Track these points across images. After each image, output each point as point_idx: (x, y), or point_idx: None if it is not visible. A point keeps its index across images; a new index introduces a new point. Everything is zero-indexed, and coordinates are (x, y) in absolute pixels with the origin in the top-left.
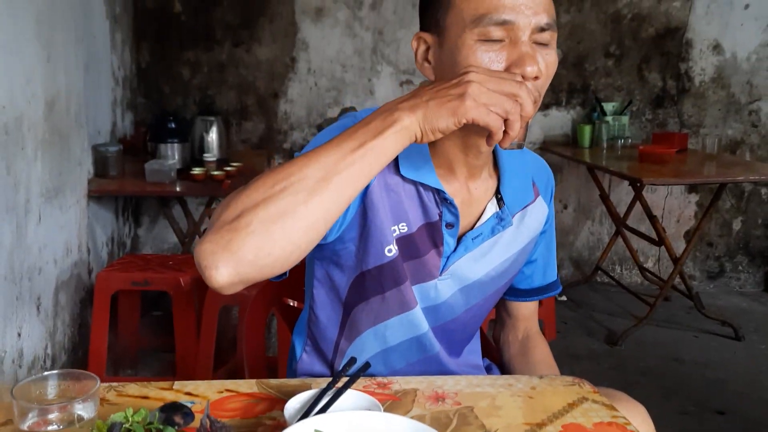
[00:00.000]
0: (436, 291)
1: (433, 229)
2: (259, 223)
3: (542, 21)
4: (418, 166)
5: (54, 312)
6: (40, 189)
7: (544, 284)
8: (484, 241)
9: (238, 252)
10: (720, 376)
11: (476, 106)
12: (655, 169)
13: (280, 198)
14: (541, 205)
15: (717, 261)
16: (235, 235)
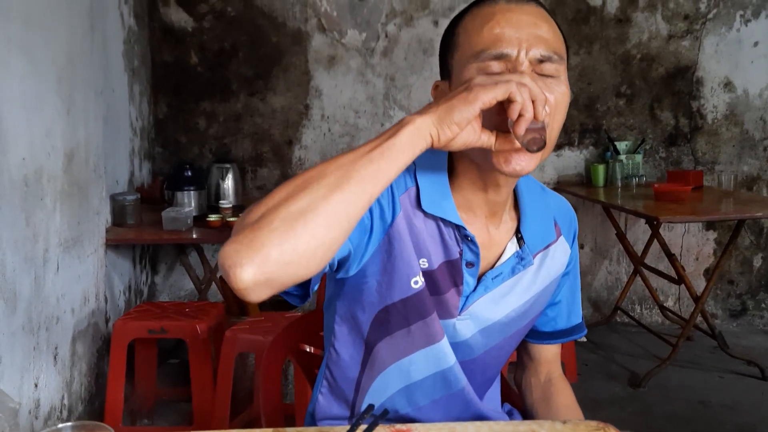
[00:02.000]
0: (454, 330)
1: (453, 268)
2: (281, 221)
3: (539, 53)
4: (439, 202)
5: (71, 362)
6: (58, 239)
7: (568, 327)
8: (504, 281)
9: (263, 249)
10: (748, 420)
11: (484, 87)
12: (671, 207)
13: (301, 196)
14: (563, 246)
15: (739, 299)
16: (259, 233)
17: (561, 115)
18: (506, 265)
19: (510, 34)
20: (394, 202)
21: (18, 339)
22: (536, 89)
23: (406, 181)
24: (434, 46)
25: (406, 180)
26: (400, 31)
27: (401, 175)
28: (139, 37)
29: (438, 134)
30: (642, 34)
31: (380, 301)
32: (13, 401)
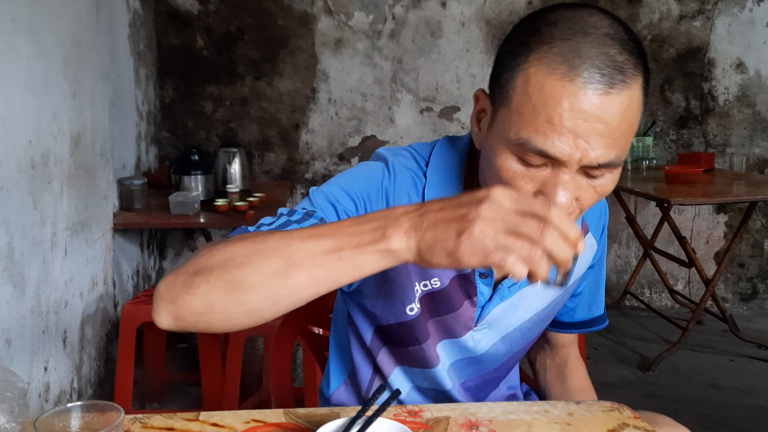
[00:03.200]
0: (474, 341)
1: (465, 281)
2: (207, 288)
3: (598, 159)
4: None
5: (80, 346)
6: (66, 223)
7: (589, 318)
8: (521, 287)
9: (181, 309)
10: (761, 403)
11: (474, 251)
12: (682, 189)
13: (234, 270)
14: (590, 242)
15: (749, 282)
16: (184, 292)
17: (590, 202)
18: None
19: (571, 133)
20: None
21: (27, 322)
22: (562, 256)
23: (413, 195)
24: (442, 29)
25: (412, 194)
26: (407, 12)
27: (407, 188)
28: (145, 21)
29: (414, 262)
30: (653, 14)
31: (376, 321)
32: (22, 381)
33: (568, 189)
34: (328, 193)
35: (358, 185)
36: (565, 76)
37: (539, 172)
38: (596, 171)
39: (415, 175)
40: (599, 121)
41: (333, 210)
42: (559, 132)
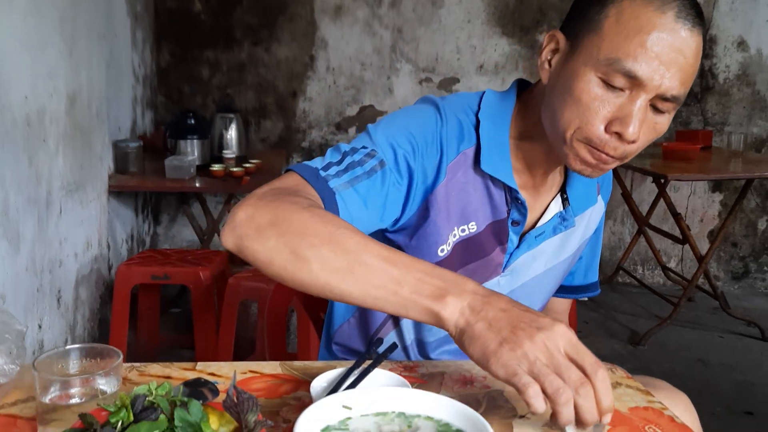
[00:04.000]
0: (498, 287)
1: (499, 227)
2: (275, 245)
3: (672, 90)
4: (496, 162)
5: (74, 306)
6: (61, 182)
7: (584, 284)
8: (545, 239)
9: (245, 249)
10: (748, 378)
11: (506, 365)
12: (679, 165)
13: (305, 248)
14: (599, 206)
15: (741, 261)
16: (255, 236)
17: (645, 141)
18: (549, 224)
19: (657, 59)
20: (440, 168)
21: (22, 279)
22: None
23: (465, 141)
24: None
25: (464, 140)
26: None
27: (456, 135)
28: None
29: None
30: None
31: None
32: (20, 323)
33: (643, 117)
34: (388, 134)
35: (416, 129)
36: (659, 9)
37: (617, 98)
38: (664, 105)
39: (467, 118)
40: (681, 54)
41: (392, 153)
42: (648, 56)
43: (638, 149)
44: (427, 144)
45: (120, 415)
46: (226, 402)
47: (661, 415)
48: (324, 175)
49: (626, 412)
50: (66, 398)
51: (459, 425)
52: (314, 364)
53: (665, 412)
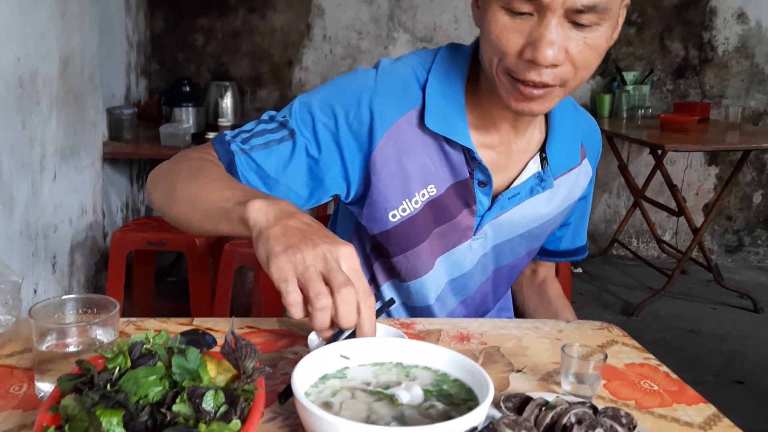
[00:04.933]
0: (471, 252)
1: (464, 188)
2: (160, 193)
3: (579, 3)
4: (448, 120)
5: (69, 272)
6: (55, 147)
7: (572, 248)
8: (521, 201)
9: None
10: (738, 348)
11: (281, 268)
12: (677, 137)
13: (173, 184)
14: (586, 169)
15: (735, 235)
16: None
17: (586, 69)
18: (525, 185)
19: None
20: (373, 134)
21: (16, 243)
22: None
23: (409, 101)
24: None
25: (407, 100)
26: None
27: (397, 97)
28: None
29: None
30: None
31: (367, 230)
32: (16, 275)
33: (555, 37)
34: (309, 103)
35: (338, 99)
36: None
37: (526, 24)
38: (583, 17)
39: (415, 77)
40: None
41: (310, 121)
42: None
43: (581, 72)
44: (351, 112)
45: (117, 361)
46: (224, 348)
47: (656, 371)
48: (228, 140)
49: (622, 367)
50: (62, 347)
51: (456, 375)
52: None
53: (660, 368)
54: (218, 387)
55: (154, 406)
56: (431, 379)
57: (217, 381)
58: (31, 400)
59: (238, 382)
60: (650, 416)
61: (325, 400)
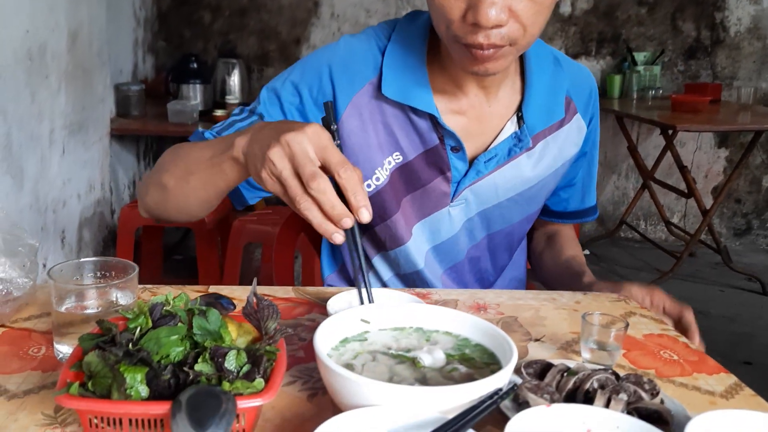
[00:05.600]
0: (450, 219)
1: (435, 155)
2: (152, 191)
3: None
4: (408, 88)
5: (78, 247)
6: (63, 122)
7: (581, 209)
8: (500, 164)
9: (145, 208)
10: (747, 330)
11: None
12: (688, 117)
13: (160, 176)
14: (578, 123)
15: (744, 218)
16: (143, 194)
17: (534, 23)
18: (502, 146)
19: None
20: (336, 108)
21: (26, 217)
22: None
23: (370, 70)
24: None
25: (369, 69)
26: None
27: (360, 67)
28: None
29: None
30: None
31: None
32: (32, 238)
33: (491, 5)
34: (274, 88)
35: (301, 78)
36: None
37: None
38: None
39: (376, 46)
40: None
41: (277, 103)
42: None
43: (531, 28)
44: (315, 88)
45: (138, 322)
46: (245, 309)
47: (675, 341)
48: (201, 131)
49: (641, 338)
50: (81, 309)
51: (478, 340)
52: (327, 289)
53: (679, 338)
54: (240, 348)
55: (176, 365)
56: (452, 344)
57: (238, 343)
58: (50, 362)
59: (260, 343)
60: (671, 385)
61: (347, 363)
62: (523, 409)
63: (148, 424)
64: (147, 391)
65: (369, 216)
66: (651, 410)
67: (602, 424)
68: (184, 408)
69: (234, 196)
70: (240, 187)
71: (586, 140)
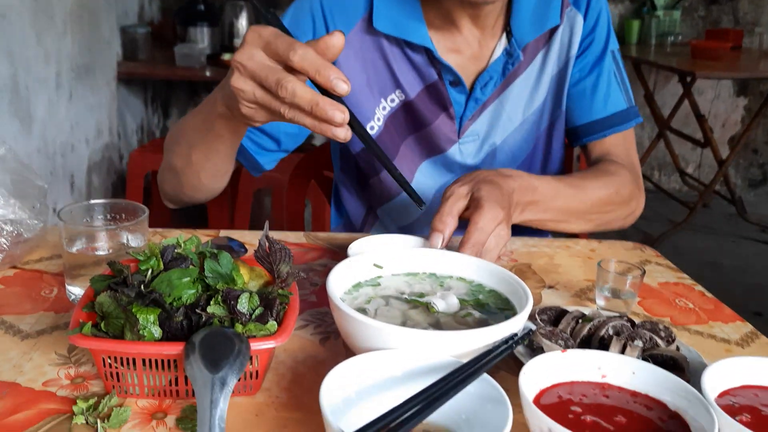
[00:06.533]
0: (461, 155)
1: (435, 91)
2: (165, 177)
3: None
4: (400, 19)
5: (87, 192)
6: (70, 64)
7: (610, 114)
8: (497, 86)
9: (165, 197)
10: (759, 281)
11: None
12: (708, 64)
13: (169, 159)
14: (570, 22)
15: (760, 169)
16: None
17: None
18: (494, 67)
19: None
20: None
21: (34, 160)
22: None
23: (360, 8)
24: None
25: (359, 8)
26: None
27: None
28: None
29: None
30: None
31: (351, 152)
32: (42, 180)
33: None
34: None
35: (295, 24)
36: None
37: None
38: None
39: None
40: None
41: None
42: None
43: None
44: (310, 34)
45: (150, 264)
46: (258, 252)
47: (691, 290)
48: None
49: (656, 286)
50: (92, 251)
51: (492, 286)
52: (338, 235)
53: (695, 287)
54: (252, 291)
55: (188, 307)
56: (466, 290)
57: (250, 286)
58: (63, 303)
59: (272, 286)
60: (686, 333)
61: (360, 307)
62: (537, 354)
63: (161, 365)
64: (160, 332)
65: (346, 86)
66: (666, 357)
67: (617, 369)
68: (198, 349)
69: (249, 163)
70: (252, 152)
71: (588, 37)
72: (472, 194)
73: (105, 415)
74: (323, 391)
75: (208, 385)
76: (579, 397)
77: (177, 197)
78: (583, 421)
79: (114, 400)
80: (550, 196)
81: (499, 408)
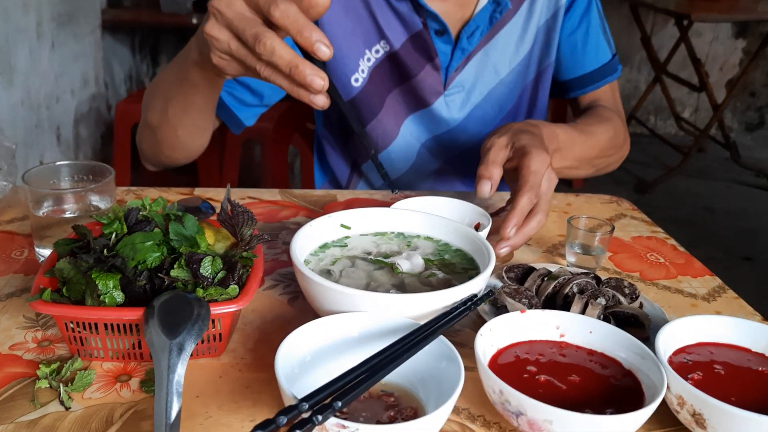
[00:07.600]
0: (447, 109)
1: (420, 41)
2: (144, 136)
3: None
4: None
5: (75, 144)
6: (51, 13)
7: (600, 65)
8: (484, 35)
9: (145, 158)
10: (750, 226)
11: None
12: (705, 6)
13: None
14: None
15: (758, 112)
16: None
17: None
18: (481, 15)
19: None
20: None
21: (18, 113)
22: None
23: None
24: None
25: None
26: None
27: None
28: None
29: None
30: None
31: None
32: (9, 141)
33: None
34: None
35: None
36: None
37: None
38: None
39: None
40: None
41: None
42: None
43: None
44: None
45: (113, 227)
46: (220, 216)
47: (663, 243)
48: None
49: (629, 240)
50: (59, 213)
51: (458, 245)
52: (314, 192)
53: (668, 241)
54: (216, 254)
55: (152, 271)
56: (433, 249)
57: (216, 248)
58: (32, 265)
59: (236, 249)
60: (654, 287)
61: (325, 268)
62: (501, 313)
63: (123, 329)
64: (122, 297)
65: (328, 51)
66: (628, 314)
67: (576, 328)
68: (157, 314)
69: (229, 119)
70: (232, 108)
71: None
72: (512, 144)
73: (69, 379)
74: (279, 357)
75: (166, 351)
76: (536, 356)
77: (156, 158)
78: (537, 381)
79: (77, 364)
80: (569, 143)
81: (453, 366)
